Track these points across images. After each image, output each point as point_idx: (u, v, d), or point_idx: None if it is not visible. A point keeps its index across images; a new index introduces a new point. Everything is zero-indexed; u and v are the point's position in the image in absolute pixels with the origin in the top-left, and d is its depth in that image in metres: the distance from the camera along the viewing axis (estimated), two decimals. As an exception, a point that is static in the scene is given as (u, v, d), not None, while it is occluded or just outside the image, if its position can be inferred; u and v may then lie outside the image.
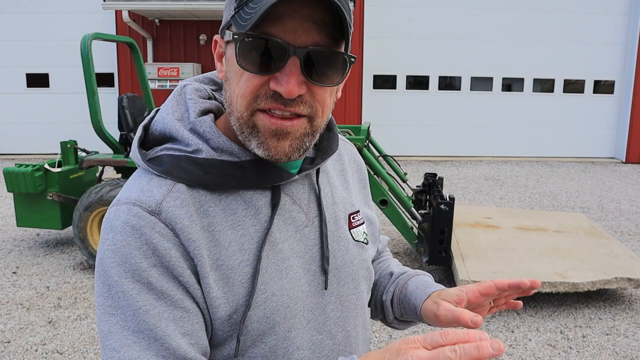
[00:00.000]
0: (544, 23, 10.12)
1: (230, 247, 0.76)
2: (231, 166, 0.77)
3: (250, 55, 0.71)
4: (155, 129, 0.81)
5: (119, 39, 4.90)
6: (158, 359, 0.70)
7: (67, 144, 4.78)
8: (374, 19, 10.02)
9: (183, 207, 0.74)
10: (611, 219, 6.19)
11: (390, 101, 10.40)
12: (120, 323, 0.71)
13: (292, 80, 0.70)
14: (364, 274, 0.92)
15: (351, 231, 0.91)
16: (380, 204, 4.23)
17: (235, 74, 0.74)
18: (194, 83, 0.86)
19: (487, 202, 6.97)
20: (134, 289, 0.71)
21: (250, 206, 0.78)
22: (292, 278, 0.80)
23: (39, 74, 10.20)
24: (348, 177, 0.97)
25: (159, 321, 0.71)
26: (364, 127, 4.73)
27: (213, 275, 0.74)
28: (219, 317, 0.75)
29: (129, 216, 0.72)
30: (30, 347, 3.23)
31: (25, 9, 9.98)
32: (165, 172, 0.75)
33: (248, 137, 0.74)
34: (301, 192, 0.85)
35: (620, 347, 3.25)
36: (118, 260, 0.71)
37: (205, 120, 0.79)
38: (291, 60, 0.70)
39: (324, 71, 0.73)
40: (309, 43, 0.70)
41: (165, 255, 0.72)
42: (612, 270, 3.76)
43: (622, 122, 10.46)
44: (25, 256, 4.80)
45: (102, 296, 0.72)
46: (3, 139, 10.35)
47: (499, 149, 10.57)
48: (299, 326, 0.81)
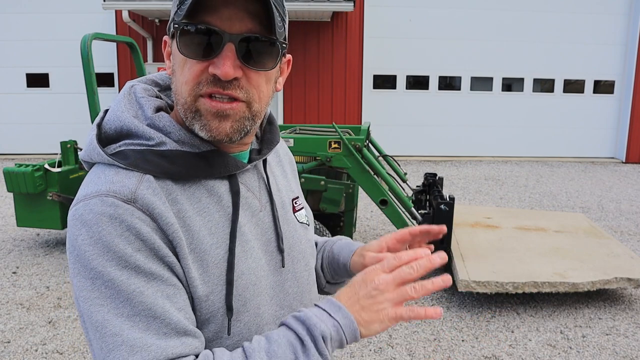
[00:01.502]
0: (544, 23, 10.12)
1: (200, 231, 0.80)
2: (194, 157, 0.82)
3: (190, 43, 0.77)
4: (109, 127, 0.84)
5: (119, 39, 4.90)
6: (159, 336, 0.73)
7: (67, 144, 4.78)
8: (374, 19, 10.02)
9: (156, 194, 0.77)
10: (611, 219, 6.19)
11: (390, 101, 10.39)
12: (112, 311, 0.72)
13: (228, 63, 0.76)
14: (310, 252, 1.02)
15: (295, 214, 1.01)
16: (380, 204, 4.23)
17: (178, 64, 0.80)
18: (140, 84, 0.91)
19: (487, 202, 6.97)
20: (122, 275, 0.72)
21: (212, 194, 0.84)
22: (255, 258, 0.87)
23: (39, 74, 10.19)
24: (285, 167, 1.07)
25: (155, 299, 0.73)
26: (364, 127, 4.73)
27: (190, 258, 0.79)
28: (197, 297, 0.79)
29: (103, 207, 0.74)
30: (30, 347, 3.23)
31: (25, 9, 9.97)
32: (132, 165, 0.78)
33: (192, 122, 0.80)
34: (252, 180, 0.92)
35: (620, 347, 3.25)
36: (99, 251, 0.73)
37: (163, 116, 0.83)
38: (227, 46, 0.76)
39: (258, 57, 0.79)
40: (243, 30, 0.77)
41: (150, 239, 0.75)
42: (612, 270, 3.76)
43: (622, 122, 10.46)
44: (25, 256, 4.80)
45: (86, 290, 0.73)
46: (3, 139, 10.34)
47: (499, 149, 10.57)
48: (265, 302, 0.88)
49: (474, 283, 3.57)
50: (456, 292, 4.00)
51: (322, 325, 0.75)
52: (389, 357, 3.14)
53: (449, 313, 3.68)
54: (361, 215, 6.23)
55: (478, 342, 3.30)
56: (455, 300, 3.87)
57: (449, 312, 3.70)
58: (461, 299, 3.89)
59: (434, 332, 3.43)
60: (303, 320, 0.76)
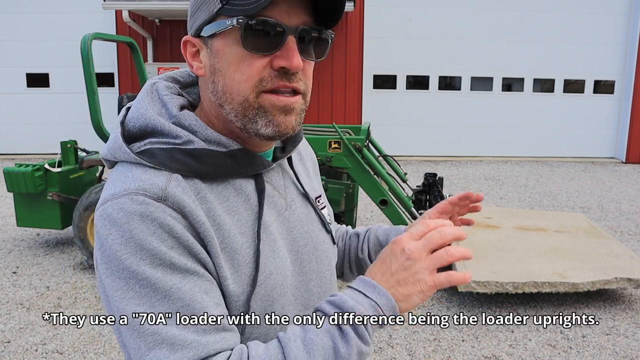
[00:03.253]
0: (544, 23, 10.11)
1: (231, 230, 0.80)
2: (222, 156, 0.81)
3: (253, 38, 0.76)
4: (133, 125, 0.82)
5: (119, 39, 4.90)
6: (199, 332, 0.72)
7: (67, 144, 4.78)
8: (374, 19, 10.02)
9: (186, 193, 0.76)
10: (611, 219, 6.19)
11: (390, 101, 10.39)
12: (149, 310, 0.71)
13: (296, 54, 0.76)
14: (333, 252, 1.00)
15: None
16: (380, 204, 4.22)
17: (231, 62, 0.78)
18: (162, 81, 0.89)
19: (487, 202, 6.97)
20: (158, 272, 0.71)
21: (240, 193, 0.83)
22: (282, 257, 0.86)
23: (39, 74, 10.19)
24: (307, 165, 1.06)
25: (193, 295, 0.73)
26: (364, 127, 4.73)
27: (222, 256, 0.78)
28: (229, 296, 0.78)
29: (133, 205, 0.72)
30: (30, 347, 3.23)
31: (25, 9, 9.97)
32: (160, 164, 0.77)
33: (254, 119, 0.79)
34: (278, 178, 0.91)
35: (620, 347, 3.25)
36: (132, 250, 0.71)
37: (190, 114, 0.82)
38: (289, 38, 0.76)
39: (312, 48, 0.81)
40: (300, 23, 0.78)
41: (183, 236, 0.74)
42: (612, 270, 3.76)
43: (622, 122, 10.46)
44: (25, 256, 4.80)
45: (120, 290, 0.72)
46: (3, 139, 10.34)
47: (499, 149, 10.56)
48: (289, 302, 0.87)
49: (474, 283, 3.57)
50: (456, 292, 4.00)
51: (360, 307, 0.72)
52: (389, 357, 3.14)
53: (449, 313, 3.68)
54: (361, 215, 6.23)
55: (478, 342, 3.30)
56: (455, 300, 3.87)
57: (449, 312, 3.70)
58: (461, 299, 3.89)
59: (434, 332, 3.42)
60: (338, 305, 0.73)
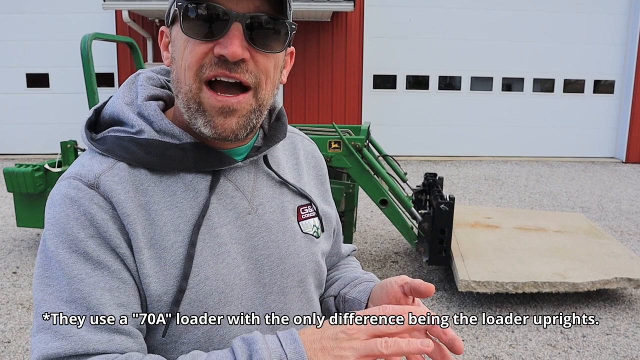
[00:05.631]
0: (544, 23, 10.11)
1: (165, 227, 0.76)
2: (172, 147, 0.79)
3: (194, 23, 0.73)
4: (106, 113, 0.84)
5: (119, 39, 4.90)
6: (89, 327, 0.70)
7: (67, 144, 4.78)
8: (374, 19, 10.02)
9: (121, 183, 0.75)
10: (611, 219, 6.19)
11: (390, 101, 10.39)
12: (55, 293, 0.71)
13: (236, 42, 0.71)
14: (311, 267, 0.91)
15: (300, 223, 0.91)
16: (380, 204, 4.23)
17: (179, 49, 0.76)
18: (147, 72, 0.88)
19: (487, 202, 6.97)
20: (70, 258, 0.72)
21: (189, 189, 0.79)
22: (230, 264, 0.80)
23: (39, 74, 10.19)
24: (302, 171, 0.98)
25: (93, 290, 0.71)
26: (364, 127, 4.73)
27: (147, 253, 0.75)
28: (149, 295, 0.75)
29: (68, 189, 0.74)
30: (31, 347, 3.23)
31: (25, 9, 9.97)
32: (107, 151, 0.78)
33: (194, 115, 0.76)
34: (246, 179, 0.85)
35: (620, 347, 3.25)
36: (56, 232, 0.73)
37: (151, 104, 0.81)
38: (234, 25, 0.72)
39: (266, 39, 0.74)
40: (251, 9, 0.73)
41: (103, 226, 0.73)
42: (612, 270, 3.76)
43: (622, 122, 10.46)
44: (25, 256, 4.80)
45: (41, 267, 0.74)
46: (3, 139, 10.34)
47: (499, 149, 10.57)
48: (234, 313, 0.81)
49: (474, 283, 3.57)
50: (456, 292, 4.00)
51: (266, 354, 0.66)
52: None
53: (449, 313, 3.68)
54: (361, 215, 6.23)
55: (478, 342, 3.30)
56: (455, 300, 3.87)
57: (449, 312, 3.70)
58: (461, 299, 3.89)
59: (434, 332, 3.42)
60: (249, 344, 0.68)
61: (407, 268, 4.54)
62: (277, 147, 0.94)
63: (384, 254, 4.89)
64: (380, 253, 4.93)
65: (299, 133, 1.03)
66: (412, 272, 4.45)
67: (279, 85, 0.83)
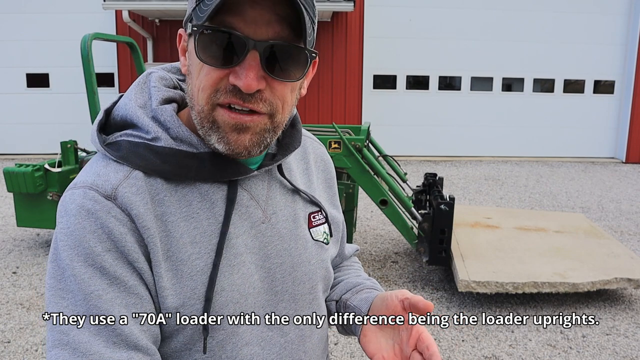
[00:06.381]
0: (544, 23, 10.12)
1: (181, 238, 0.75)
2: (189, 156, 0.76)
3: (209, 48, 0.70)
4: (117, 115, 0.80)
5: (119, 39, 4.90)
6: (108, 344, 0.69)
7: (67, 144, 4.78)
8: (374, 19, 10.02)
9: (139, 194, 0.73)
10: (611, 219, 6.19)
11: (390, 101, 10.39)
12: (70, 307, 0.69)
13: (251, 74, 0.69)
14: (321, 274, 0.92)
15: (310, 230, 0.90)
16: (380, 204, 4.23)
17: (195, 67, 0.73)
18: (160, 71, 0.85)
19: (487, 202, 6.97)
20: (86, 273, 0.70)
21: (205, 199, 0.77)
22: (244, 274, 0.79)
23: (39, 74, 10.19)
24: (312, 175, 0.96)
25: (111, 306, 0.70)
26: (364, 127, 4.73)
27: (164, 266, 0.74)
28: (166, 308, 0.74)
29: (84, 200, 0.71)
30: (30, 347, 3.23)
31: (25, 9, 9.97)
32: (122, 158, 0.75)
33: (208, 132, 0.74)
34: (260, 188, 0.84)
35: (620, 347, 3.25)
36: (71, 244, 0.70)
37: (167, 109, 0.78)
38: (250, 54, 0.69)
39: (285, 66, 0.71)
40: (270, 36, 0.69)
41: (121, 240, 0.71)
42: (612, 271, 3.76)
43: (622, 122, 10.46)
44: (25, 256, 4.80)
45: (54, 278, 0.71)
46: (3, 139, 10.34)
47: (499, 149, 10.57)
48: (249, 322, 0.81)
49: (474, 283, 3.57)
50: (456, 292, 4.00)
51: None
52: (389, 357, 3.14)
53: (449, 313, 3.68)
54: (361, 215, 6.23)
55: (478, 342, 3.30)
56: (455, 300, 3.87)
57: (449, 312, 3.70)
58: (461, 299, 3.89)
59: (434, 332, 3.42)
60: None
61: (407, 268, 4.54)
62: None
63: (384, 254, 4.89)
64: (380, 253, 4.93)
65: (308, 135, 1.02)
66: (412, 272, 4.45)
67: (297, 100, 0.81)
